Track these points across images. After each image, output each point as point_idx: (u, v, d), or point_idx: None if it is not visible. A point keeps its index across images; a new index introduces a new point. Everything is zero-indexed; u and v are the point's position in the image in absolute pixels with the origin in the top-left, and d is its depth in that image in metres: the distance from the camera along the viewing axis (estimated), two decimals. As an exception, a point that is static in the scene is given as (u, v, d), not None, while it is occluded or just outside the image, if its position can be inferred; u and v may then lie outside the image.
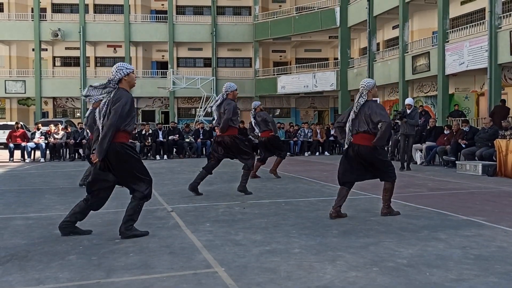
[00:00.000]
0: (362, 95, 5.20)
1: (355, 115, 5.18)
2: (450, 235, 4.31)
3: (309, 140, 17.53)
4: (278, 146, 9.59)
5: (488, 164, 9.82)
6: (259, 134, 9.52)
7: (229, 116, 6.84)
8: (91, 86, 4.39)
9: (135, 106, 4.86)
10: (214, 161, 7.08)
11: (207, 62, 32.67)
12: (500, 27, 16.49)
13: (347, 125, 5.24)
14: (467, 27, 18.80)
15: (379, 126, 5.09)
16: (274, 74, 30.32)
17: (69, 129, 16.02)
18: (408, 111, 11.23)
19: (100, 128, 4.26)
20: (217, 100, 7.13)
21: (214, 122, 7.28)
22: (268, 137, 9.34)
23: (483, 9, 19.13)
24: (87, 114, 7.93)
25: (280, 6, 32.32)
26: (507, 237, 4.24)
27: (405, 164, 10.94)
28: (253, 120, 9.43)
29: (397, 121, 11.62)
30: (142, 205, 4.40)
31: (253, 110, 9.49)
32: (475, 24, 18.42)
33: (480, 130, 11.26)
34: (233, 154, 7.08)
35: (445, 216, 5.27)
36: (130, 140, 4.49)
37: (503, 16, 16.72)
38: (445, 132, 12.54)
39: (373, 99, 5.29)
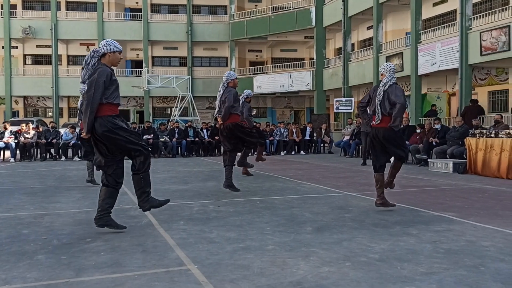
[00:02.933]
0: (392, 78, 5.40)
1: (381, 98, 5.36)
2: (421, 230, 4.38)
3: (285, 139, 17.60)
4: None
5: (459, 162, 10.03)
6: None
7: (230, 104, 6.94)
8: (82, 68, 4.36)
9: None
10: (229, 152, 7.16)
11: (182, 61, 32.46)
12: (471, 29, 16.88)
13: (374, 108, 5.43)
14: (439, 28, 19.21)
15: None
16: (250, 74, 30.34)
17: (40, 129, 15.67)
18: None
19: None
20: (219, 91, 7.17)
21: (216, 112, 7.29)
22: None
23: (454, 11, 19.57)
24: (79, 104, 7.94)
25: (256, 5, 32.37)
26: (476, 232, 4.33)
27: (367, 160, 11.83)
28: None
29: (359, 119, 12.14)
30: (145, 177, 4.38)
31: (244, 98, 9.32)
32: (446, 26, 18.83)
33: (451, 129, 11.50)
34: (237, 139, 7.16)
35: (417, 212, 5.36)
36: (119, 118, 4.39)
37: (474, 17, 17.13)
38: (417, 131, 12.76)
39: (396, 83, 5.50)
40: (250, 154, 9.29)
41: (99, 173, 4.49)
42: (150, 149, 4.40)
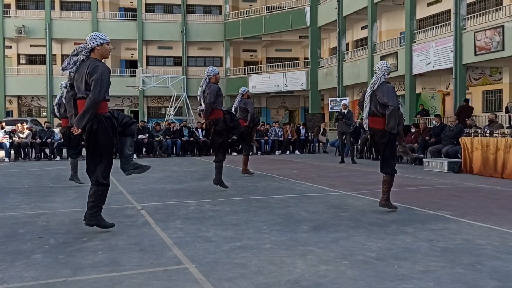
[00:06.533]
0: (382, 77, 5.31)
1: (370, 97, 5.24)
2: (418, 229, 4.40)
3: (280, 139, 17.61)
4: (247, 139, 9.43)
5: (454, 161, 10.08)
6: None
7: (211, 99, 6.89)
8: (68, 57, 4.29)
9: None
10: (220, 148, 7.09)
11: (177, 61, 32.38)
12: (465, 28, 16.96)
13: (366, 108, 5.29)
14: (433, 28, 19.28)
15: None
16: (244, 74, 30.32)
17: (33, 130, 15.59)
18: (344, 111, 12.46)
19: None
20: (201, 86, 7.10)
21: (199, 108, 7.26)
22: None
23: (449, 11, 19.65)
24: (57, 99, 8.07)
25: (251, 5, 32.34)
26: (471, 230, 4.36)
27: (344, 158, 12.55)
28: (235, 105, 9.28)
29: (338, 120, 12.53)
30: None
31: (241, 95, 9.34)
32: (441, 25, 18.90)
33: (446, 128, 11.55)
34: (226, 134, 7.25)
35: (412, 211, 5.38)
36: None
37: (468, 17, 17.21)
38: (412, 130, 12.81)
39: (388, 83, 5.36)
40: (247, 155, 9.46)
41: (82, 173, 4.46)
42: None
